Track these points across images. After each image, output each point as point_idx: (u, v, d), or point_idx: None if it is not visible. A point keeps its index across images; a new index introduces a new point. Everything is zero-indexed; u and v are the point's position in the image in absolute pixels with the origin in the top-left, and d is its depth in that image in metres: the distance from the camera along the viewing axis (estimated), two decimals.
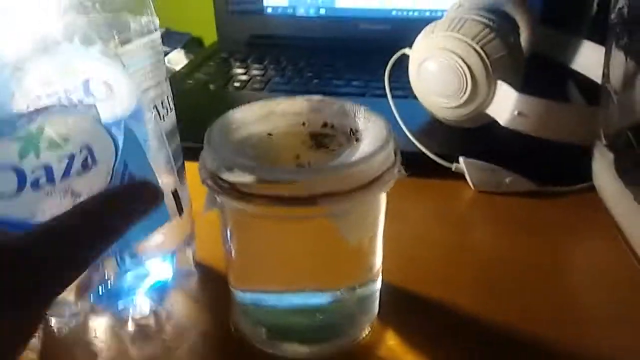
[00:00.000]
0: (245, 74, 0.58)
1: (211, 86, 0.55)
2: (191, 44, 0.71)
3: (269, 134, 0.26)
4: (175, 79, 0.57)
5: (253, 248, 0.24)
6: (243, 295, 0.27)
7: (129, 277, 0.28)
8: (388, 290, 0.30)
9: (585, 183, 0.37)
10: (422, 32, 0.44)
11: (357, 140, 0.25)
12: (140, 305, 0.29)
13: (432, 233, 0.36)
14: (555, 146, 0.38)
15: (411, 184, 0.40)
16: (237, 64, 0.61)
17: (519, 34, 0.45)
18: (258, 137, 0.26)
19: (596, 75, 0.43)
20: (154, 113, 0.27)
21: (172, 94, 0.29)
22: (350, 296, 0.25)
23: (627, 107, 0.32)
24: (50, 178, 0.21)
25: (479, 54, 0.39)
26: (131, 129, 0.24)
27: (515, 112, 0.38)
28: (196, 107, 0.49)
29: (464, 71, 0.40)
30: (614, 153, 0.32)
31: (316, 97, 0.28)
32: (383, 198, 0.25)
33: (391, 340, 0.27)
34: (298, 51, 0.64)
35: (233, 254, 0.25)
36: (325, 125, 0.27)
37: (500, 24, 0.41)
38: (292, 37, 0.67)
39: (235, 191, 0.22)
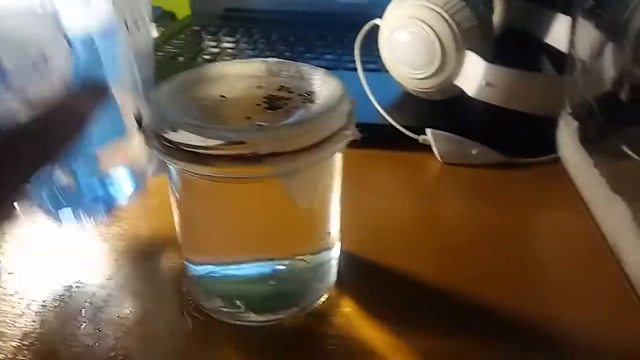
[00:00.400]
0: (216, 46, 0.57)
1: (180, 58, 0.54)
2: (163, 18, 0.69)
3: (222, 96, 0.25)
4: None
5: (201, 215, 0.24)
6: (195, 268, 0.26)
7: (86, 188, 0.27)
8: (349, 259, 0.29)
9: (552, 154, 0.36)
10: (393, 1, 0.43)
11: (311, 102, 0.24)
12: (95, 216, 0.28)
13: (397, 204, 0.35)
14: (524, 117, 0.38)
15: (379, 156, 0.40)
16: (209, 37, 0.60)
17: (490, 4, 0.45)
18: (210, 99, 0.25)
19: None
20: (127, 32, 0.26)
21: None
22: (303, 264, 0.25)
23: (591, 75, 0.32)
24: (3, 78, 0.20)
25: (449, 23, 0.39)
26: (98, 44, 0.23)
27: (484, 82, 0.38)
28: (163, 79, 0.48)
29: (433, 41, 0.39)
30: (578, 122, 0.32)
31: (273, 60, 0.27)
32: (337, 161, 0.24)
33: (347, 307, 0.27)
34: (272, 25, 0.62)
35: (182, 224, 0.25)
36: (281, 88, 0.26)
37: None
38: (267, 11, 0.66)
39: (180, 152, 0.21)
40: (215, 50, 0.56)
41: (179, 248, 0.27)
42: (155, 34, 0.63)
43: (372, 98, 0.42)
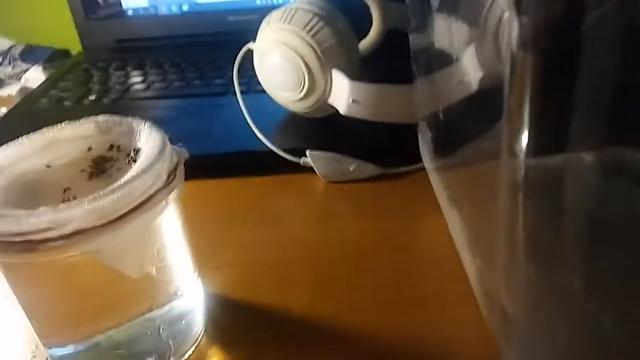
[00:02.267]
0: (105, 83, 0.55)
1: (66, 103, 0.52)
2: (56, 58, 0.67)
3: (48, 166, 0.24)
4: (28, 100, 0.54)
5: (32, 298, 0.23)
6: (48, 350, 0.25)
7: None
8: (218, 302, 0.29)
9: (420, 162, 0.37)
10: (262, 24, 0.43)
11: (134, 162, 0.24)
12: None
13: (274, 233, 0.35)
14: (396, 129, 0.38)
15: (263, 183, 0.40)
16: (98, 73, 0.58)
17: (358, 19, 0.45)
18: (33, 172, 0.24)
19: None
20: None
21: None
22: (151, 324, 0.24)
23: (441, 82, 0.33)
24: None
25: (310, 45, 0.39)
26: None
27: (350, 100, 0.38)
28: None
29: (298, 63, 0.39)
30: (430, 131, 0.33)
31: (102, 118, 0.26)
32: (168, 219, 0.24)
33: (214, 357, 0.27)
34: (165, 52, 0.61)
35: (22, 309, 0.24)
36: (111, 147, 0.25)
37: (328, 11, 0.40)
38: (159, 38, 0.64)
39: None
40: (104, 88, 0.54)
41: None
42: (43, 77, 0.61)
43: (251, 123, 0.42)
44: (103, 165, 0.24)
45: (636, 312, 0.19)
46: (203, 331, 0.28)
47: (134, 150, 0.25)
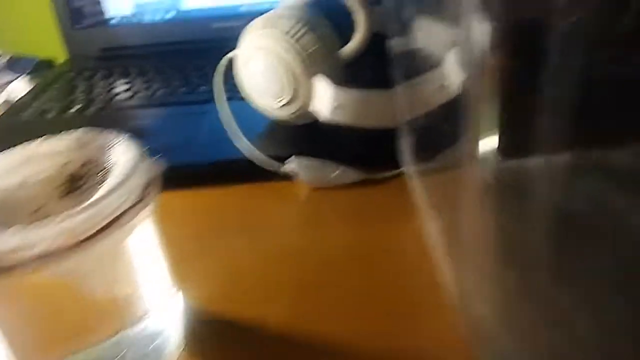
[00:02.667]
0: (89, 93, 0.55)
1: (49, 115, 0.51)
2: (41, 68, 0.67)
3: (22, 184, 0.24)
4: (10, 112, 0.53)
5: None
6: None
7: None
8: (199, 317, 0.29)
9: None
10: (244, 31, 0.43)
11: (106, 179, 0.23)
12: None
13: (256, 243, 0.34)
14: (382, 133, 0.38)
15: (246, 191, 0.40)
16: (83, 83, 0.58)
17: (341, 23, 0.45)
18: (7, 190, 0.24)
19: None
20: None
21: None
22: (119, 348, 0.24)
23: (407, 92, 0.32)
24: None
25: (293, 50, 0.38)
26: None
27: (334, 105, 0.38)
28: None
29: (282, 68, 0.39)
30: (411, 136, 0.33)
31: (80, 132, 0.26)
32: (141, 238, 0.24)
33: None
34: (150, 60, 0.61)
35: None
36: (85, 163, 0.25)
37: (312, 17, 0.40)
38: (144, 46, 0.64)
39: None
40: (88, 97, 0.54)
41: None
42: (29, 87, 0.60)
43: (230, 132, 0.41)
44: (78, 182, 0.24)
45: (609, 311, 0.19)
46: (183, 348, 0.27)
47: (105, 167, 0.24)
